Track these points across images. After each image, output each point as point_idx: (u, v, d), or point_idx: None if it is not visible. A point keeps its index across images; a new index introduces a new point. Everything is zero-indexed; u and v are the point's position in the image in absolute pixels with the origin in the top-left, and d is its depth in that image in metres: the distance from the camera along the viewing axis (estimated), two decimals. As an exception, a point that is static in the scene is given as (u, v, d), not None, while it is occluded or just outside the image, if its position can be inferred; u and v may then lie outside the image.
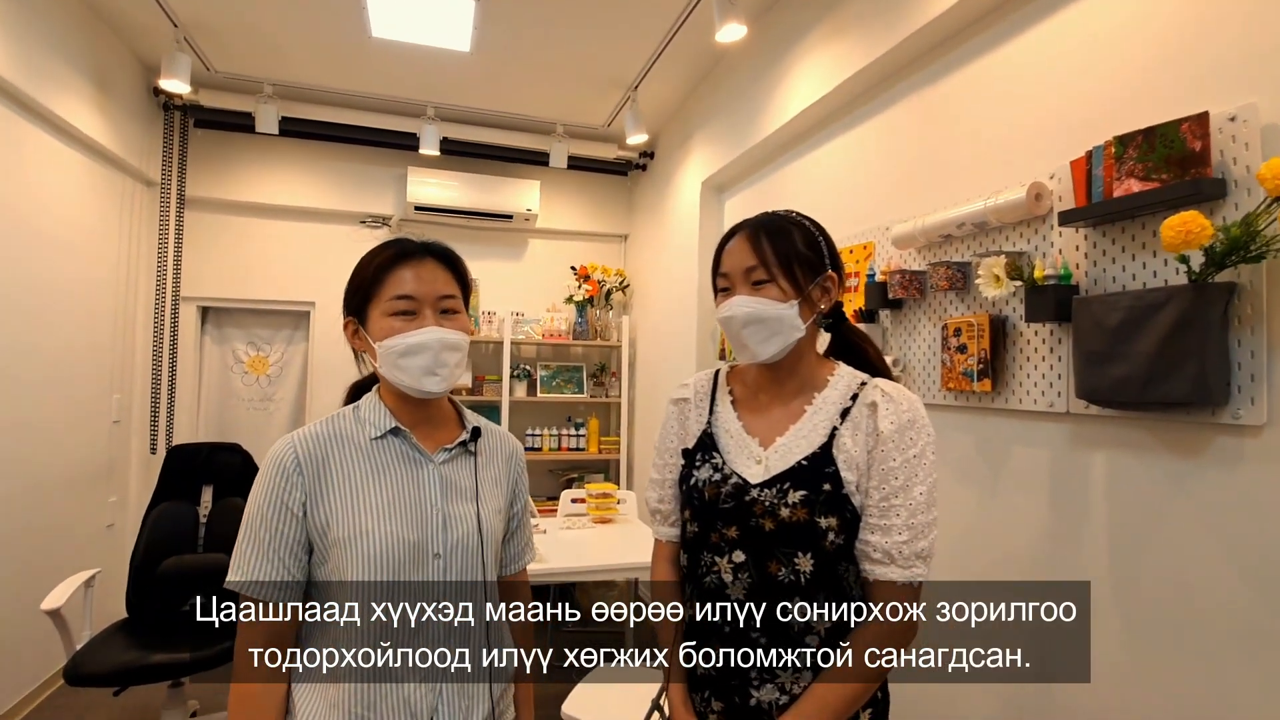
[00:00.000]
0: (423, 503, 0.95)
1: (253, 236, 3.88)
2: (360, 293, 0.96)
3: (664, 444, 1.09)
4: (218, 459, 2.68)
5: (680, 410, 1.09)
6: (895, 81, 2.06)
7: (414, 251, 0.96)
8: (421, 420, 0.99)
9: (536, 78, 3.37)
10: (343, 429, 0.96)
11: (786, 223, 0.99)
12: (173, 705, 2.25)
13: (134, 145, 3.30)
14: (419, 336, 0.92)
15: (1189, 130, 1.12)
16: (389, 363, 0.93)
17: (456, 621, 0.94)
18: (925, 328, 1.85)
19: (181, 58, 2.93)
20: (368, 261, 0.97)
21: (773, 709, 0.90)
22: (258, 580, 0.89)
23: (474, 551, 0.96)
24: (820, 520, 0.89)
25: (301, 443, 0.93)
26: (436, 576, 0.93)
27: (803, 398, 0.99)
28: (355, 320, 0.98)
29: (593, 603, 4.23)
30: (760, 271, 0.95)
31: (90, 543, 3.07)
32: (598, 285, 4.25)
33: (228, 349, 3.98)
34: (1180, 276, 1.18)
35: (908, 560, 0.87)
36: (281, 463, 0.91)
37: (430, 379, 0.93)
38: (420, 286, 0.94)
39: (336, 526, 0.90)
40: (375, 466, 0.95)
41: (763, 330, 0.95)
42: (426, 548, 0.93)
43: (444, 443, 1.00)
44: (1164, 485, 1.23)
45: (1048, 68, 1.52)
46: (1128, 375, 1.20)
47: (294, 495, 0.90)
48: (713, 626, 0.94)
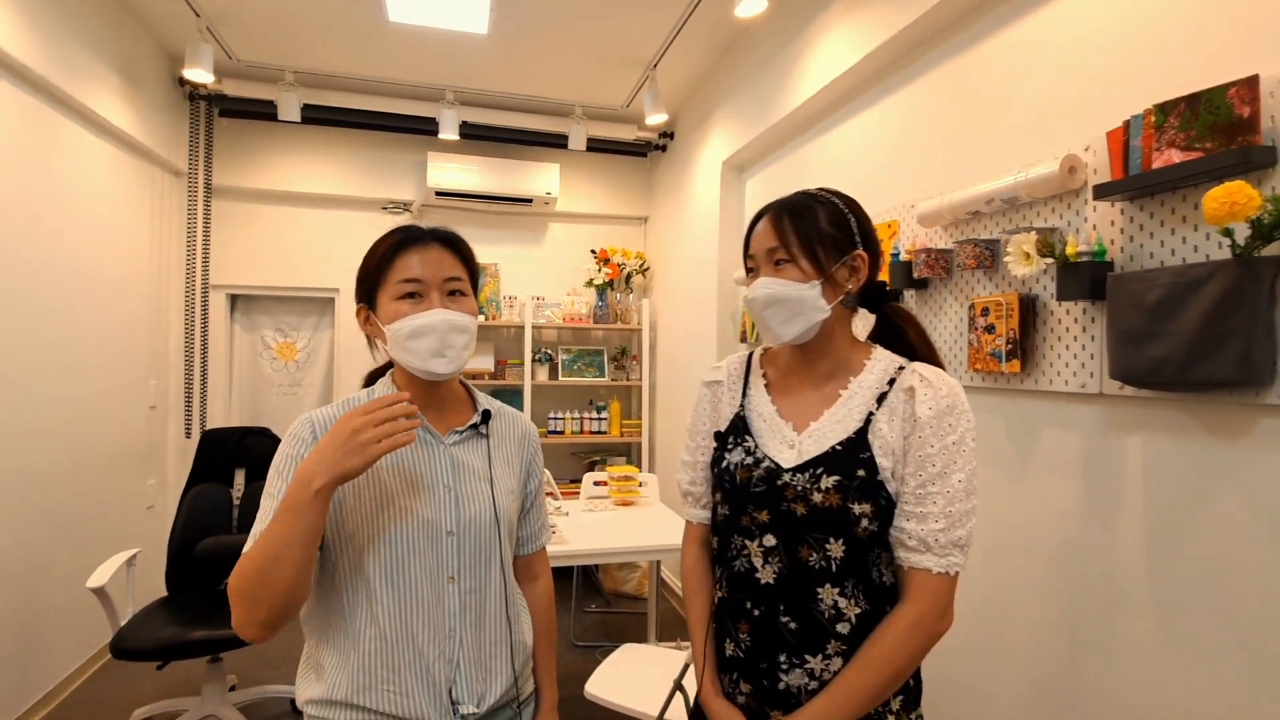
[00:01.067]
0: (434, 482, 0.96)
1: (277, 224, 3.93)
2: (369, 279, 0.98)
3: (696, 426, 1.09)
4: (249, 442, 2.75)
5: (713, 392, 1.08)
6: (921, 53, 1.99)
7: (419, 237, 0.97)
8: (433, 403, 1.01)
9: (554, 59, 3.34)
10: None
11: (813, 201, 0.97)
12: (212, 679, 2.33)
13: (161, 136, 3.35)
14: (425, 318, 0.93)
15: (1237, 95, 1.06)
16: (398, 345, 0.94)
17: (472, 596, 0.96)
18: (951, 308, 1.80)
19: (204, 47, 2.95)
20: (374, 249, 0.98)
21: (801, 694, 0.89)
22: None
23: (487, 528, 0.98)
24: (853, 506, 0.87)
25: (319, 420, 0.95)
26: (451, 553, 0.95)
27: (837, 381, 0.97)
28: (366, 307, 0.99)
29: (615, 584, 4.27)
30: (781, 252, 0.94)
31: (132, 523, 3.18)
32: (618, 268, 4.23)
33: (257, 335, 4.06)
34: (1223, 251, 1.13)
35: (944, 549, 0.85)
36: (298, 435, 0.94)
37: (438, 360, 0.94)
38: (426, 270, 0.95)
39: (349, 505, 0.92)
40: None
41: (783, 311, 0.93)
42: (439, 525, 0.95)
43: (455, 425, 1.01)
44: (1204, 469, 1.19)
45: (1083, 33, 1.45)
46: (1167, 355, 1.15)
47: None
48: (742, 610, 0.94)
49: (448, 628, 0.94)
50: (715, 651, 0.99)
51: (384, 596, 0.91)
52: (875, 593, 0.90)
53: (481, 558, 0.97)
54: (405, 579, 0.92)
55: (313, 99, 3.60)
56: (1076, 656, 1.42)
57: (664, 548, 2.44)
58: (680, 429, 3.80)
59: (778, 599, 0.90)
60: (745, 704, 0.94)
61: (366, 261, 0.99)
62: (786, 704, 0.90)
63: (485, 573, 0.98)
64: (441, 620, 0.94)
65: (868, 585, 0.90)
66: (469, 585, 0.96)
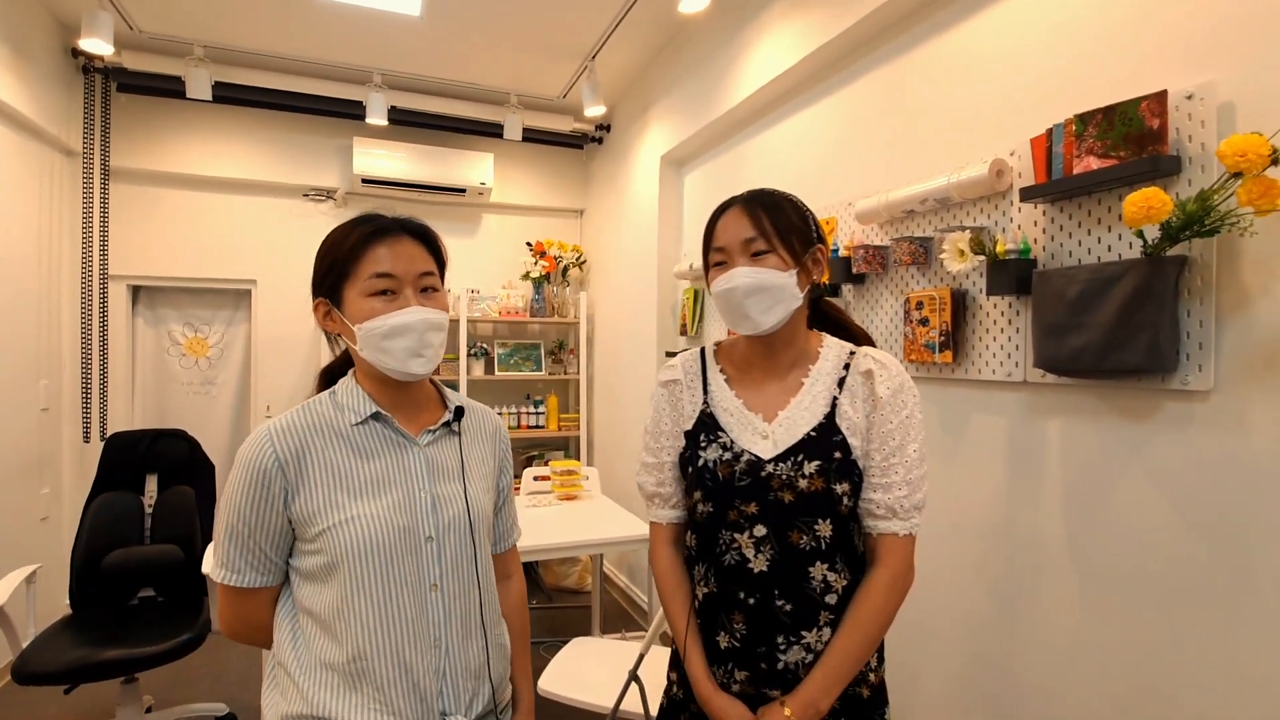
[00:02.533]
0: (410, 486, 0.93)
1: (186, 210, 3.66)
2: (333, 272, 0.92)
3: (657, 426, 1.09)
4: (161, 446, 2.55)
5: (670, 392, 1.09)
6: (858, 57, 2.07)
7: (390, 228, 0.92)
8: (403, 403, 0.97)
9: (490, 45, 3.26)
10: (321, 417, 0.93)
11: (779, 197, 1.01)
12: (127, 701, 2.16)
13: (50, 111, 3.05)
14: (403, 317, 0.89)
15: (1148, 108, 1.17)
16: (371, 345, 0.90)
17: (456, 603, 0.93)
18: (888, 301, 1.89)
19: (103, 16, 2.70)
20: (339, 240, 0.92)
21: (799, 668, 0.93)
22: (247, 585, 0.91)
23: (466, 531, 0.95)
24: (835, 487, 0.93)
25: (278, 438, 0.89)
26: (431, 559, 0.92)
27: (798, 370, 1.01)
28: (328, 302, 0.93)
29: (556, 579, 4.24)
30: (760, 242, 0.97)
31: (25, 537, 2.90)
32: (554, 261, 4.19)
33: (163, 330, 3.77)
34: (1133, 251, 1.24)
35: (907, 513, 0.94)
36: (260, 465, 0.87)
37: (416, 361, 0.91)
38: (399, 264, 0.90)
39: (324, 516, 0.88)
40: (358, 453, 0.92)
41: (766, 299, 0.96)
42: (418, 531, 0.91)
43: (427, 424, 0.98)
44: (1116, 449, 1.30)
45: (1010, 45, 1.56)
46: (1085, 345, 1.26)
47: (275, 494, 0.88)
48: (735, 600, 0.96)
49: (433, 637, 0.91)
50: (705, 647, 1.00)
51: (364, 610, 0.87)
52: (857, 562, 0.97)
53: (463, 562, 0.94)
54: (385, 590, 0.88)
55: (226, 76, 3.36)
56: (1006, 628, 1.54)
57: (609, 540, 2.46)
58: (620, 422, 3.82)
59: (772, 585, 0.94)
60: (741, 691, 0.97)
61: (330, 252, 0.93)
62: (785, 682, 0.94)
63: (468, 578, 0.95)
64: (426, 630, 0.90)
65: (850, 556, 0.96)
66: (453, 591, 0.93)
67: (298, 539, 0.91)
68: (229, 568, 0.90)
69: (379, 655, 0.87)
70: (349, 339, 0.92)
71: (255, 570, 0.90)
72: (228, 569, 0.90)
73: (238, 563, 0.89)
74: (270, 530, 0.89)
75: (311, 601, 0.89)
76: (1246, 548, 1.10)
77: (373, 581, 0.88)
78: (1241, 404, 1.11)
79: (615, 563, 3.95)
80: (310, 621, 0.90)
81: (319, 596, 0.89)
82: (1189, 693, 1.17)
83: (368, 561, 0.87)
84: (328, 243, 0.94)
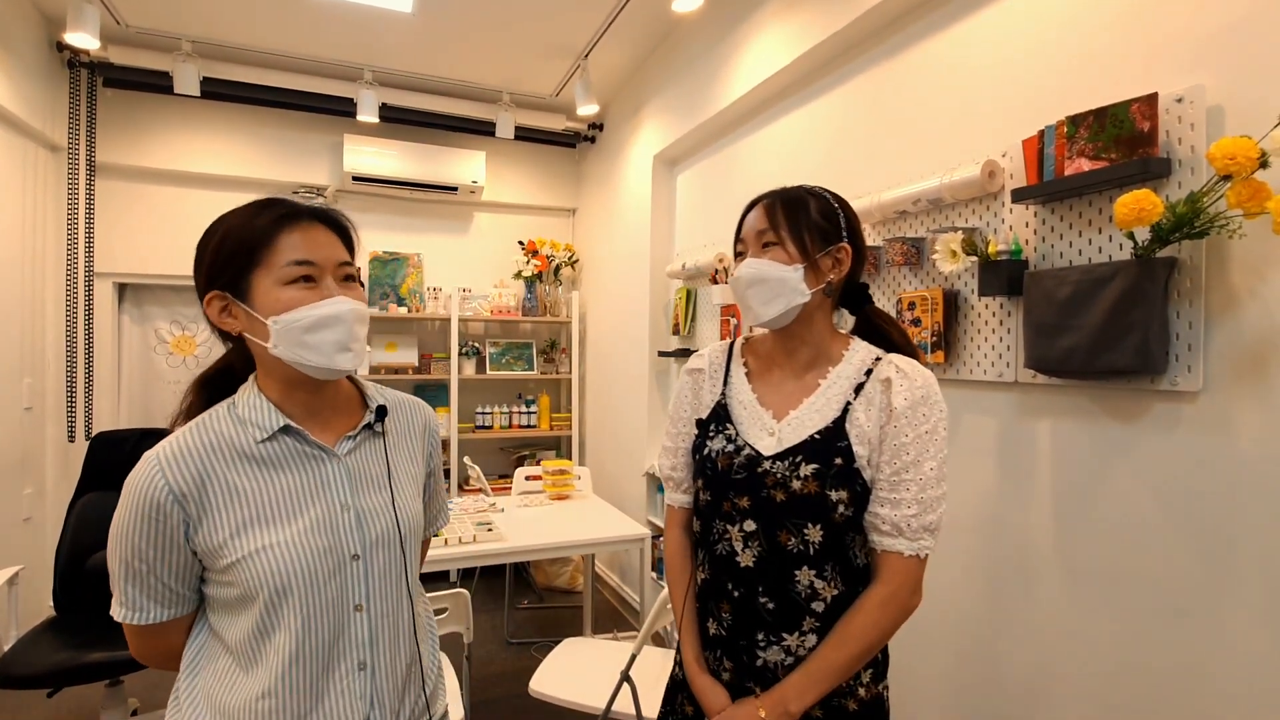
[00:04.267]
0: (328, 502, 0.84)
1: (173, 207, 3.62)
2: (238, 259, 0.80)
3: (677, 413, 1.11)
4: (147, 446, 2.50)
5: (694, 381, 1.10)
6: (851, 57, 2.08)
7: (301, 214, 0.83)
8: (316, 409, 0.87)
9: (482, 42, 3.24)
10: (219, 436, 0.82)
11: (806, 193, 1.01)
12: (112, 704, 2.13)
13: (35, 106, 3.01)
14: (331, 307, 0.80)
15: (1138, 111, 1.17)
16: (291, 340, 0.80)
17: (384, 621, 0.86)
18: (880, 301, 1.89)
19: (88, 9, 2.66)
20: (243, 223, 0.82)
21: (778, 669, 0.93)
22: (154, 621, 0.82)
23: (396, 545, 0.88)
24: (831, 493, 0.90)
25: (171, 466, 0.78)
26: (358, 579, 0.84)
27: (816, 371, 1.00)
28: (226, 294, 0.82)
29: (547, 579, 4.23)
30: (769, 235, 0.97)
31: (7, 538, 2.85)
32: (547, 260, 4.18)
33: (149, 328, 3.73)
34: (1123, 252, 1.25)
35: (916, 533, 0.90)
36: (151, 499, 0.77)
37: (344, 355, 0.82)
38: (318, 251, 0.82)
39: (232, 548, 0.79)
40: (266, 473, 0.82)
41: (765, 291, 0.96)
42: (342, 550, 0.83)
43: (345, 430, 0.89)
44: (1105, 449, 1.31)
45: (1002, 47, 1.56)
46: (1075, 345, 1.26)
47: (174, 527, 0.78)
48: (724, 591, 0.97)
49: (357, 660, 0.84)
50: (699, 631, 1.02)
51: (282, 642, 0.79)
52: (852, 574, 0.94)
53: (391, 578, 0.87)
54: (306, 622, 0.80)
55: (214, 72, 3.33)
56: (996, 626, 1.54)
57: (601, 540, 2.45)
58: (612, 422, 3.82)
59: (757, 581, 0.94)
60: (729, 680, 0.98)
61: (231, 237, 0.81)
62: (764, 679, 0.94)
63: (396, 594, 0.88)
64: (348, 653, 0.83)
65: (846, 567, 0.94)
66: (379, 610, 0.85)
67: (206, 569, 0.82)
68: (130, 606, 0.81)
69: (293, 691, 0.80)
70: (255, 336, 0.81)
71: (160, 605, 0.81)
72: (127, 608, 0.81)
73: (138, 600, 0.81)
74: (172, 565, 0.80)
75: (224, 632, 0.82)
76: (1233, 547, 1.11)
77: (293, 613, 0.79)
78: (1229, 405, 1.11)
79: (607, 563, 3.95)
80: (222, 651, 0.83)
81: (232, 629, 0.82)
82: (1175, 690, 1.18)
83: (286, 593, 0.79)
84: (225, 228, 0.83)
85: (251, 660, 0.80)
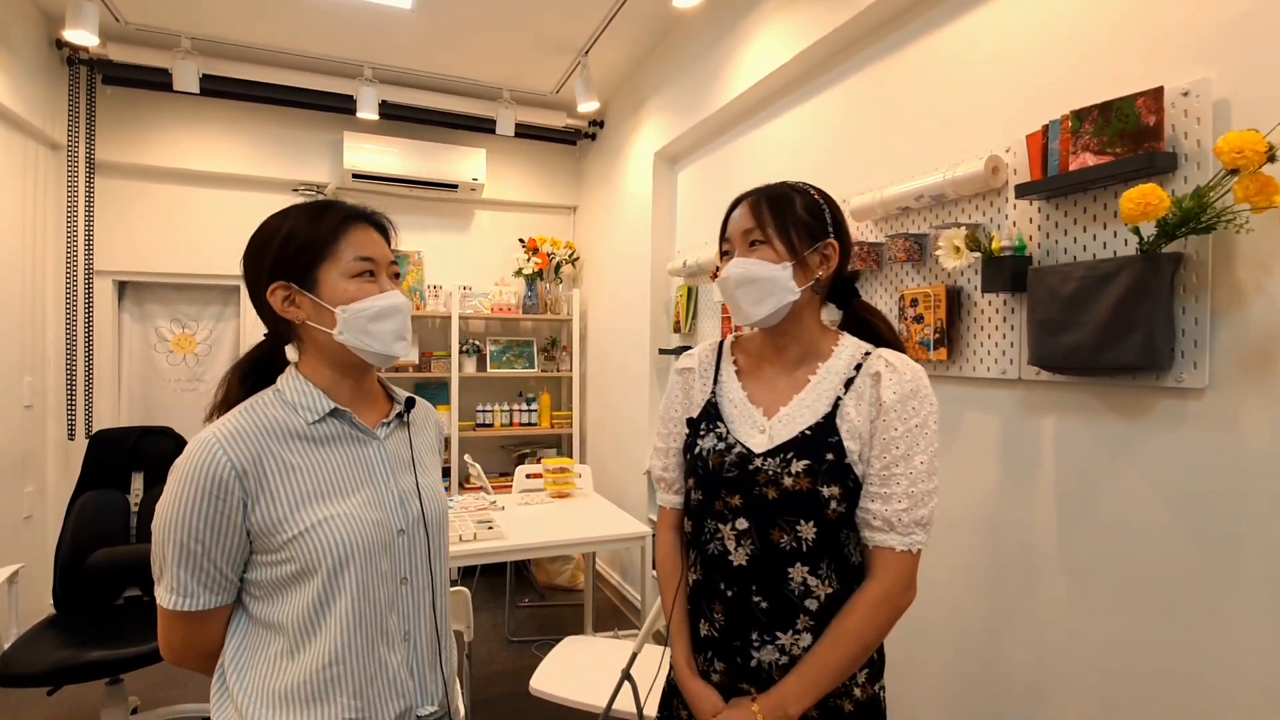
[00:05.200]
0: (375, 481, 0.91)
1: (173, 205, 3.61)
2: (308, 253, 0.87)
3: (668, 413, 1.10)
4: (147, 444, 2.52)
5: (685, 380, 1.10)
6: (853, 53, 2.06)
7: (361, 215, 0.93)
8: (358, 396, 0.95)
9: (483, 39, 3.23)
10: (272, 419, 0.87)
11: (790, 189, 1.00)
12: (112, 703, 2.13)
13: (35, 103, 3.00)
14: (391, 299, 0.90)
15: (1144, 105, 1.16)
16: (356, 328, 0.88)
17: (424, 595, 0.94)
18: (882, 298, 1.89)
19: (88, 6, 2.66)
20: (312, 220, 0.89)
21: (773, 669, 0.92)
22: (203, 608, 0.84)
23: (424, 526, 0.95)
24: (823, 489, 0.90)
25: (230, 444, 0.82)
26: (404, 553, 0.91)
27: (806, 367, 0.99)
28: (292, 285, 0.88)
29: (548, 577, 4.22)
30: (757, 233, 0.96)
31: (8, 536, 2.86)
32: (547, 258, 4.17)
33: (149, 327, 3.73)
34: (1128, 248, 1.24)
35: (907, 528, 0.89)
36: (214, 475, 0.80)
37: (400, 344, 0.91)
38: (376, 249, 0.92)
39: (296, 521, 0.84)
40: (319, 451, 0.88)
41: (755, 291, 0.95)
42: (390, 525, 0.90)
43: (379, 418, 0.97)
44: (1110, 446, 1.30)
45: (1005, 41, 1.55)
46: (1080, 342, 1.25)
47: (233, 506, 0.82)
48: (716, 590, 0.96)
49: (403, 631, 0.91)
50: (690, 632, 1.01)
51: (343, 612, 0.84)
52: (848, 572, 0.93)
53: (422, 557, 0.95)
54: (363, 589, 0.86)
55: (214, 69, 3.31)
56: (998, 625, 1.53)
57: (602, 539, 2.44)
58: (612, 420, 3.81)
59: (750, 579, 0.93)
60: (720, 681, 0.97)
61: (300, 233, 0.88)
62: (759, 680, 0.93)
63: (426, 572, 0.95)
64: (399, 625, 0.90)
65: (841, 565, 0.93)
66: (420, 583, 0.93)
67: (255, 551, 0.85)
68: (180, 592, 0.83)
69: (358, 657, 0.85)
70: (320, 324, 0.88)
71: (210, 591, 0.84)
72: (178, 594, 0.83)
73: (189, 585, 0.83)
74: (227, 546, 0.83)
75: (274, 614, 0.85)
76: (1238, 545, 1.10)
77: (353, 582, 0.85)
78: (1236, 402, 1.10)
79: (608, 561, 3.94)
80: (269, 638, 0.85)
81: (285, 608, 0.84)
82: (1179, 690, 1.17)
83: (348, 562, 0.85)
84: (289, 226, 0.89)
85: (310, 633, 0.83)
